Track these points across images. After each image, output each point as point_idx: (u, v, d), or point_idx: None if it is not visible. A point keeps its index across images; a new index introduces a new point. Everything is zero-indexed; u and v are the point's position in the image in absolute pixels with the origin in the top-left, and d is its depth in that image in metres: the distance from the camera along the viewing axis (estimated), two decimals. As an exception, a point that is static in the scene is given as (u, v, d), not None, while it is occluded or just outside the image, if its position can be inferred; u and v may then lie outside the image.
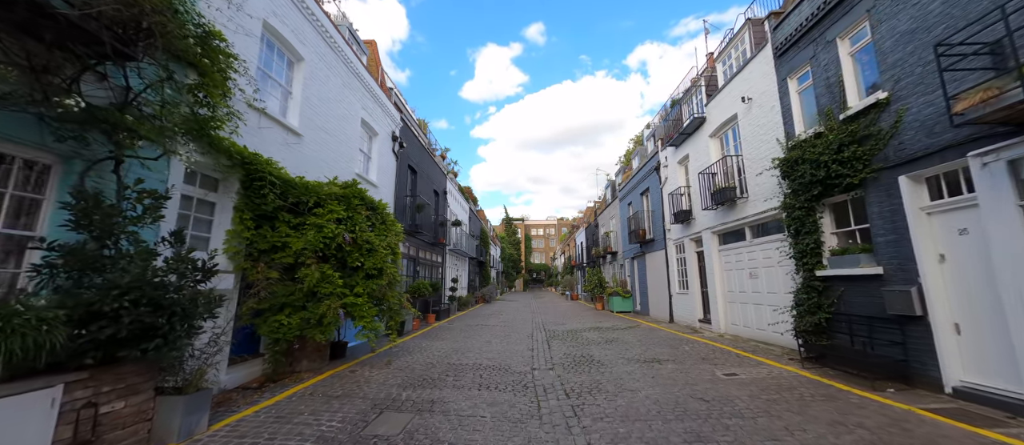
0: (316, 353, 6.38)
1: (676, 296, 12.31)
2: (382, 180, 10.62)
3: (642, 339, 9.49)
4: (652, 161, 14.47)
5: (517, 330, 11.75)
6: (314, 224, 5.74)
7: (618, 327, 12.04)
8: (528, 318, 15.59)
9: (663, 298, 13.43)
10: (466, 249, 22.99)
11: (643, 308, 15.81)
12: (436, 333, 10.97)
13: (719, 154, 9.78)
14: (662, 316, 13.52)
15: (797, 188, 6.36)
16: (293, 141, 6.66)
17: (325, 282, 5.77)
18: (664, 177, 13.17)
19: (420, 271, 14.33)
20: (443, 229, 17.34)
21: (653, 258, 14.60)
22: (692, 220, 11.05)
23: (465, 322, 13.87)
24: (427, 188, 15.48)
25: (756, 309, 8.23)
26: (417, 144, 14.38)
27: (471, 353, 8.11)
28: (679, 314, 12.12)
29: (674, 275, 12.44)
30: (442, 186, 18.30)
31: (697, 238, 10.92)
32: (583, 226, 34.11)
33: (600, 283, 20.00)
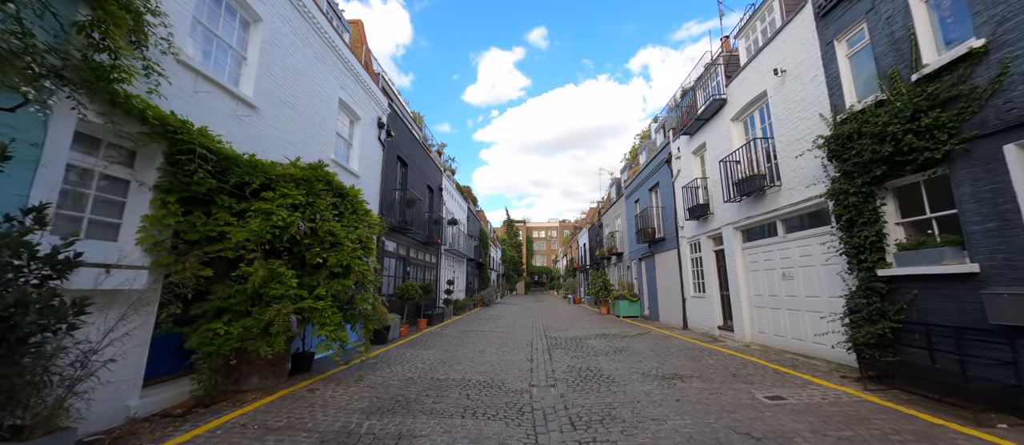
0: (269, 368, 5.28)
1: (691, 300, 11.16)
2: (365, 170, 9.56)
3: (656, 349, 8.36)
4: (662, 153, 13.37)
5: (515, 337, 10.63)
6: (261, 210, 4.66)
7: (626, 334, 10.90)
8: (528, 323, 14.46)
9: (675, 302, 12.28)
10: (464, 250, 21.92)
11: (652, 313, 14.65)
12: (425, 340, 9.86)
13: (742, 139, 8.67)
14: (674, 322, 12.36)
15: (851, 169, 5.24)
16: (246, 114, 5.60)
17: (274, 282, 4.69)
18: (676, 170, 12.06)
19: (411, 272, 13.25)
20: (438, 228, 16.26)
21: (663, 259, 13.46)
22: (710, 215, 9.93)
23: (460, 328, 12.75)
24: (420, 183, 14.42)
25: (792, 316, 7.09)
26: (409, 136, 13.34)
27: (461, 365, 7.01)
28: (694, 320, 10.97)
29: (688, 277, 11.31)
30: (437, 183, 17.24)
31: (716, 235, 9.79)
32: (586, 227, 32.98)
33: (605, 286, 18.86)
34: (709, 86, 9.95)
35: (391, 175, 11.35)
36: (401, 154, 12.33)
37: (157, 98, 4.12)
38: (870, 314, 5.00)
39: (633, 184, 17.26)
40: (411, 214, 12.45)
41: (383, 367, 6.81)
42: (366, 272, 5.65)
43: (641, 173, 16.10)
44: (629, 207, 18.16)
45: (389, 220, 10.79)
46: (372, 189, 9.90)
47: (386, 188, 10.82)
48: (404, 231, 12.01)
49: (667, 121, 14.21)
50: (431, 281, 15.70)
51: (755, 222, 8.06)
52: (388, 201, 11.05)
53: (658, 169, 13.84)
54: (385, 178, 10.77)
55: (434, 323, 13.59)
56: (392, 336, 9.86)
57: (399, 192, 12.12)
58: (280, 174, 5.00)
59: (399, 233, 11.91)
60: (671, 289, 12.71)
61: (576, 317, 16.80)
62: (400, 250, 12.13)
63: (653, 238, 13.92)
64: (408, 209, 12.12)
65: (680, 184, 11.80)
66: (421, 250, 14.43)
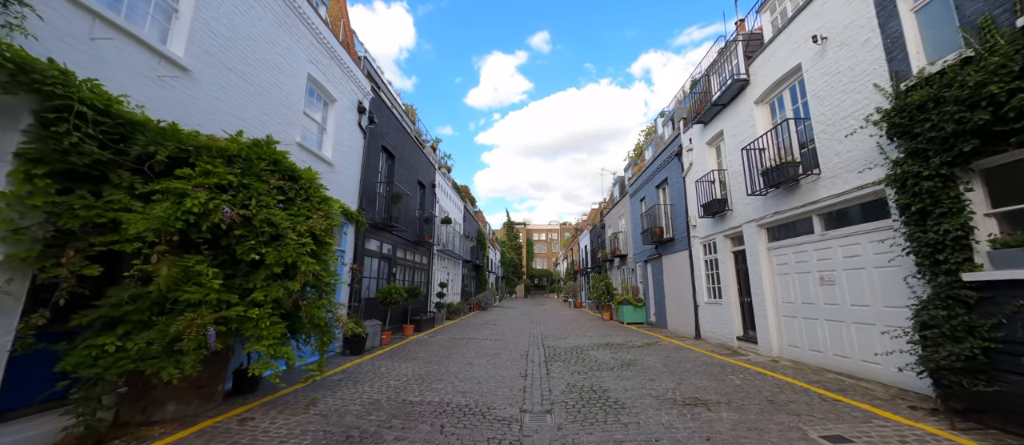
0: (194, 392, 4.21)
1: (704, 307, 10.07)
2: (342, 159, 8.52)
3: (669, 363, 7.26)
4: (672, 146, 12.31)
5: (510, 346, 9.55)
6: (172, 192, 3.61)
7: (633, 344, 9.80)
8: (525, 329, 13.37)
9: (686, 308, 11.18)
10: (459, 251, 20.86)
11: (659, 320, 13.55)
12: (408, 350, 8.78)
13: (768, 123, 7.61)
14: (684, 330, 11.26)
15: (925, 147, 4.17)
16: (174, 77, 4.56)
17: (189, 284, 3.63)
18: (688, 163, 11.00)
19: (397, 273, 12.19)
20: (429, 226, 15.21)
21: (673, 260, 12.38)
22: (728, 212, 8.85)
23: (450, 334, 11.67)
24: (409, 178, 13.38)
25: (833, 328, 6.00)
26: (396, 126, 12.31)
27: (442, 382, 5.94)
28: (708, 329, 9.87)
29: (702, 281, 10.22)
30: (430, 179, 16.21)
31: (735, 234, 8.71)
32: (587, 228, 31.91)
33: (607, 290, 17.76)
34: (725, 71, 8.89)
35: (374, 166, 10.32)
36: (387, 145, 11.30)
37: (22, 38, 3.09)
38: (953, 330, 3.92)
39: (638, 181, 16.20)
40: (398, 210, 11.41)
41: (348, 385, 5.74)
42: (321, 273, 4.59)
43: (647, 169, 15.04)
44: (634, 206, 17.09)
45: (370, 216, 9.75)
46: (350, 180, 8.86)
47: (368, 180, 9.79)
48: (389, 229, 10.96)
49: (676, 113, 13.17)
50: (421, 283, 14.64)
51: (785, 218, 6.98)
52: (370, 195, 10.01)
53: (666, 164, 12.77)
54: (367, 169, 9.73)
55: (423, 329, 12.52)
56: (371, 345, 8.79)
57: (384, 185, 11.08)
58: (203, 145, 3.94)
59: (383, 231, 10.86)
60: (681, 294, 11.61)
61: (577, 323, 15.70)
62: (384, 249, 11.08)
63: (661, 238, 12.84)
64: (394, 205, 11.07)
65: (692, 179, 10.73)
66: (410, 250, 13.38)
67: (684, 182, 11.25)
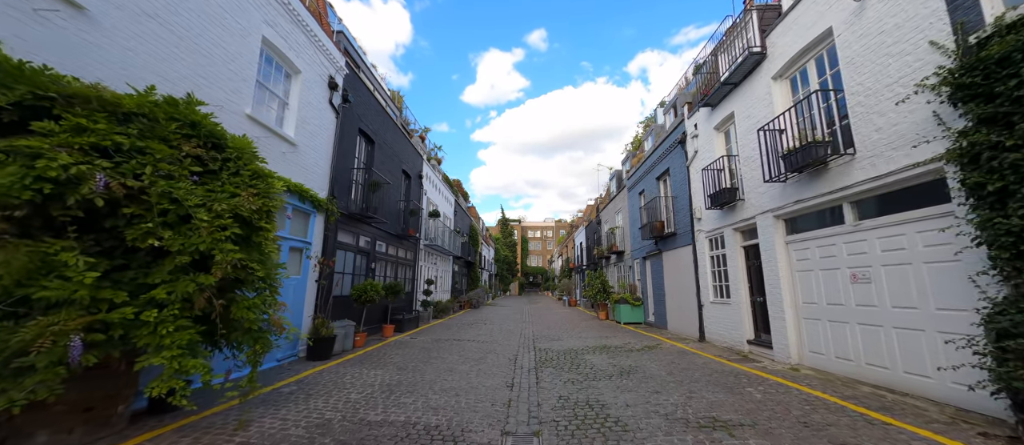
0: (76, 417, 3.27)
1: (710, 307, 9.25)
2: (307, 139, 7.55)
3: (674, 370, 6.42)
4: (674, 133, 11.46)
5: (498, 349, 8.67)
6: (20, 151, 2.66)
7: (632, 347, 8.97)
8: (516, 330, 12.51)
9: (689, 308, 10.37)
10: (449, 247, 19.93)
11: (658, 320, 12.74)
12: (383, 353, 7.86)
13: (789, 100, 6.76)
14: (687, 332, 10.45)
15: (1007, 111, 3.33)
16: (56, 11, 3.58)
17: (49, 277, 2.69)
18: (692, 151, 10.15)
19: (377, 269, 11.24)
20: (415, 220, 14.25)
21: (674, 257, 11.56)
22: (739, 202, 8.01)
23: (434, 335, 10.77)
24: (392, 167, 12.41)
25: (868, 334, 5.17)
26: (377, 109, 11.33)
27: (413, 395, 5.04)
28: (714, 331, 9.05)
29: (707, 278, 9.39)
30: (417, 169, 15.24)
31: (747, 226, 7.88)
32: (583, 225, 31.10)
33: (603, 288, 16.94)
34: (735, 47, 8.01)
35: (349, 151, 9.35)
36: (366, 129, 10.32)
37: None
38: (1044, 340, 3.08)
39: (637, 173, 15.36)
40: (378, 200, 10.45)
41: (298, 400, 4.81)
42: (250, 264, 3.65)
43: (647, 160, 14.19)
44: (632, 200, 16.26)
45: (343, 204, 8.79)
46: (318, 164, 7.89)
47: (341, 166, 8.82)
48: (367, 220, 10.00)
49: (679, 99, 12.32)
50: (405, 280, 13.71)
51: (809, 207, 6.14)
52: (344, 182, 9.04)
53: (669, 153, 11.93)
54: (340, 154, 8.76)
55: (406, 329, 11.60)
56: (341, 348, 7.86)
57: (361, 173, 10.12)
58: (77, 94, 2.97)
59: (360, 222, 9.90)
60: (683, 293, 10.79)
61: (571, 323, 14.87)
62: (362, 242, 10.12)
63: (661, 233, 12.00)
64: (372, 193, 10.11)
65: (697, 167, 9.89)
66: (393, 244, 12.42)
67: (688, 172, 10.40)
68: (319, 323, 7.17)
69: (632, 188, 16.18)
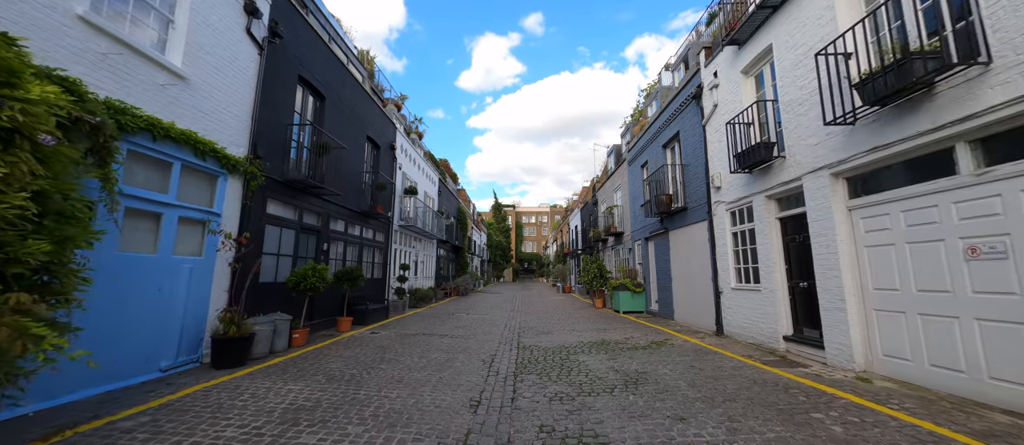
0: None
1: (731, 294, 7.59)
2: (208, 74, 5.64)
3: (697, 380, 4.76)
4: (686, 89, 9.62)
5: (473, 346, 6.98)
6: None
7: (636, 343, 7.32)
8: (502, 320, 10.84)
9: (703, 296, 8.73)
10: (433, 229, 18.14)
11: (663, 309, 11.13)
12: (320, 357, 6.12)
13: (861, 8, 4.93)
14: (700, 323, 8.83)
15: None
16: None
17: None
18: (710, 106, 8.35)
19: (331, 250, 9.44)
20: (385, 195, 12.40)
21: (684, 235, 9.87)
22: (777, 161, 6.26)
23: (402, 328, 9.06)
24: (352, 131, 10.50)
25: (997, 334, 3.49)
26: (329, 57, 9.35)
27: (324, 429, 3.32)
28: (736, 323, 7.42)
29: (728, 259, 7.71)
30: (388, 139, 13.31)
31: (787, 192, 6.15)
32: (578, 207, 29.39)
33: (600, 273, 15.30)
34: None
35: (284, 102, 7.43)
36: (311, 78, 8.37)
37: None
38: None
39: (640, 143, 13.54)
40: (330, 168, 8.59)
41: None
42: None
43: (651, 127, 12.37)
44: (633, 175, 14.49)
45: (273, 168, 6.94)
46: (227, 111, 5.99)
47: (270, 119, 6.93)
48: (312, 190, 8.15)
49: (690, 50, 10.45)
50: (373, 264, 11.92)
51: (892, 156, 4.39)
52: (276, 140, 7.16)
53: (679, 114, 10.11)
54: (267, 104, 6.86)
55: (371, 321, 9.88)
56: (267, 350, 6.12)
57: (304, 132, 8.22)
58: None
59: (304, 193, 8.05)
60: (695, 278, 9.14)
61: (564, 312, 13.26)
62: (306, 218, 8.28)
63: (668, 209, 10.28)
64: (320, 158, 8.24)
65: (716, 126, 8.11)
66: (355, 222, 10.60)
67: (703, 133, 8.62)
68: (225, 319, 5.40)
69: (633, 161, 14.39)
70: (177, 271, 5.13)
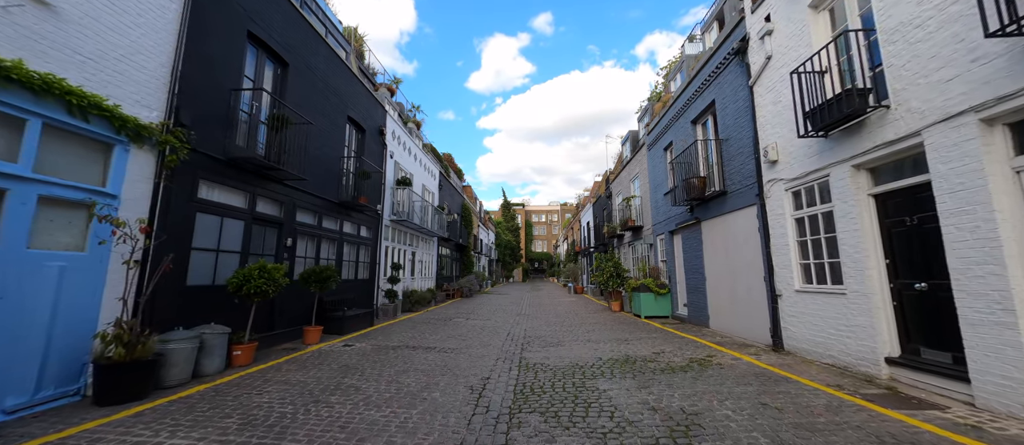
0: None
1: (794, 297, 5.86)
2: (101, 7, 4.19)
3: (781, 434, 3.09)
4: (726, 46, 7.87)
5: (463, 364, 5.41)
6: None
7: (671, 361, 5.65)
8: (504, 327, 9.26)
9: (750, 299, 7.01)
10: (432, 226, 16.67)
11: (694, 313, 9.40)
12: (258, 382, 4.61)
13: None
14: (746, 333, 7.10)
15: None
16: None
17: None
18: (760, 61, 6.63)
19: (304, 247, 7.98)
20: (372, 185, 10.94)
21: (721, 226, 8.14)
22: (874, 115, 4.53)
23: (381, 340, 7.54)
24: (328, 109, 9.05)
25: None
26: (295, 19, 7.89)
27: None
28: (803, 335, 5.69)
29: (790, 253, 5.98)
30: (376, 122, 11.85)
31: (894, 157, 4.42)
32: (590, 202, 27.63)
33: (617, 272, 13.59)
34: None
35: (224, 60, 5.97)
36: (268, 38, 6.92)
37: None
38: None
39: (662, 123, 11.80)
40: (294, 147, 7.14)
41: None
42: None
43: (676, 102, 10.62)
44: (653, 160, 12.75)
45: (208, 141, 5.49)
46: (128, 57, 4.53)
47: (202, 78, 5.48)
48: (268, 173, 6.70)
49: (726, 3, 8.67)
50: (358, 263, 10.44)
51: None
52: (215, 107, 5.72)
53: (714, 79, 8.38)
54: (198, 59, 5.41)
55: (350, 329, 8.41)
56: (189, 374, 4.65)
57: (263, 103, 6.77)
58: None
59: (256, 175, 6.60)
60: (738, 276, 7.42)
61: (576, 316, 11.61)
62: (260, 206, 6.83)
63: (701, 194, 8.56)
64: (278, 134, 6.78)
65: (768, 84, 6.39)
66: (331, 214, 9.14)
67: (750, 96, 6.89)
68: (110, 337, 3.94)
69: (654, 145, 12.65)
70: (36, 271, 3.68)
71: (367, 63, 14.39)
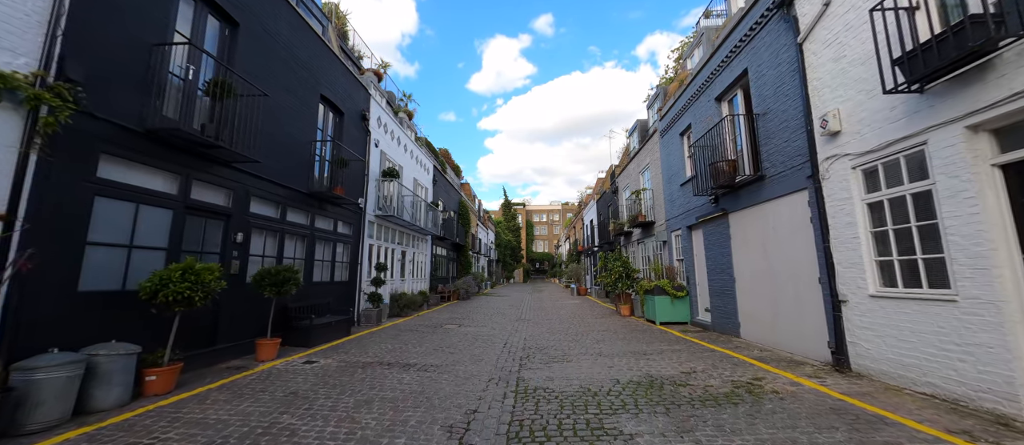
0: None
1: (869, 304, 4.58)
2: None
3: None
4: (763, 1, 6.58)
5: (446, 389, 4.12)
6: None
7: (709, 386, 4.36)
8: (502, 336, 7.99)
9: (798, 304, 5.73)
10: (424, 224, 15.44)
11: (720, 320, 8.12)
12: (161, 421, 3.32)
13: None
14: (792, 345, 5.82)
15: None
16: None
17: None
18: (814, 11, 5.36)
19: (265, 243, 6.72)
20: (352, 175, 9.69)
21: (755, 217, 6.87)
22: (1005, 54, 3.25)
23: (352, 355, 6.26)
24: (297, 85, 7.82)
25: None
26: (252, -27, 6.65)
27: None
28: (880, 353, 4.41)
29: (861, 246, 4.69)
30: (358, 106, 10.61)
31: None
32: (594, 199, 26.36)
33: (626, 272, 12.31)
34: None
35: (138, 5, 4.72)
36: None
37: None
38: None
39: (678, 104, 10.52)
40: (245, 124, 5.89)
41: None
42: None
43: (697, 78, 9.34)
44: (668, 148, 11.48)
45: (115, 105, 4.25)
46: None
47: (100, 22, 4.24)
48: (204, 151, 5.45)
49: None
50: (337, 264, 9.16)
51: None
52: (125, 67, 4.48)
53: (746, 44, 7.11)
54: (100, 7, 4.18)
55: (318, 341, 7.16)
56: (68, 411, 3.40)
57: (185, 60, 5.53)
58: None
59: (187, 154, 5.35)
60: (780, 276, 6.14)
61: (582, 322, 10.33)
62: (193, 192, 5.57)
63: (731, 180, 7.29)
64: (221, 104, 5.53)
65: (826, 38, 5.12)
66: (300, 207, 7.89)
67: (799, 56, 5.62)
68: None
69: (668, 131, 11.38)
70: None
71: (352, 45, 13.16)
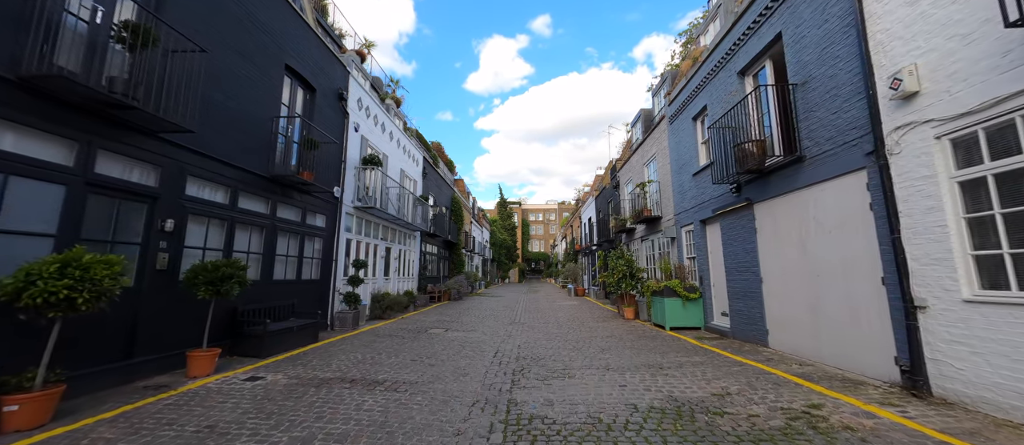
0: None
1: (956, 311, 3.55)
2: None
3: None
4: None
5: (417, 419, 3.07)
6: None
7: (754, 416, 3.26)
8: (492, 344, 6.90)
9: (852, 311, 4.70)
10: (412, 219, 14.33)
11: (740, 327, 7.09)
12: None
13: None
14: (847, 361, 4.79)
15: None
16: None
17: None
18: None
19: (209, 233, 5.59)
20: (321, 159, 8.55)
21: (789, 207, 5.83)
22: None
23: (310, 368, 5.13)
24: (253, 50, 6.68)
25: None
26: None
27: None
28: (977, 375, 3.38)
29: (953, 239, 3.65)
30: (333, 84, 9.47)
31: None
32: (592, 196, 25.34)
33: (631, 272, 11.26)
34: None
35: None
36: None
37: None
38: None
39: (691, 84, 9.48)
40: (184, 88, 4.76)
41: None
42: None
43: (715, 52, 8.29)
44: (678, 135, 10.44)
45: None
46: None
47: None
48: (116, 115, 4.31)
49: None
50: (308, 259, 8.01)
51: None
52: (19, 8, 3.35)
53: (780, 4, 6.08)
54: None
55: (276, 350, 6.03)
56: None
57: (107, 10, 4.39)
58: None
59: (89, 117, 4.21)
60: (827, 277, 5.11)
61: (583, 326, 9.27)
62: (99, 166, 4.43)
63: (760, 164, 6.26)
64: (139, 55, 4.39)
65: (899, -23, 4.08)
66: (258, 193, 6.74)
67: (857, 5, 4.58)
68: None
69: (678, 116, 10.35)
70: None
71: (332, 21, 12.00)
